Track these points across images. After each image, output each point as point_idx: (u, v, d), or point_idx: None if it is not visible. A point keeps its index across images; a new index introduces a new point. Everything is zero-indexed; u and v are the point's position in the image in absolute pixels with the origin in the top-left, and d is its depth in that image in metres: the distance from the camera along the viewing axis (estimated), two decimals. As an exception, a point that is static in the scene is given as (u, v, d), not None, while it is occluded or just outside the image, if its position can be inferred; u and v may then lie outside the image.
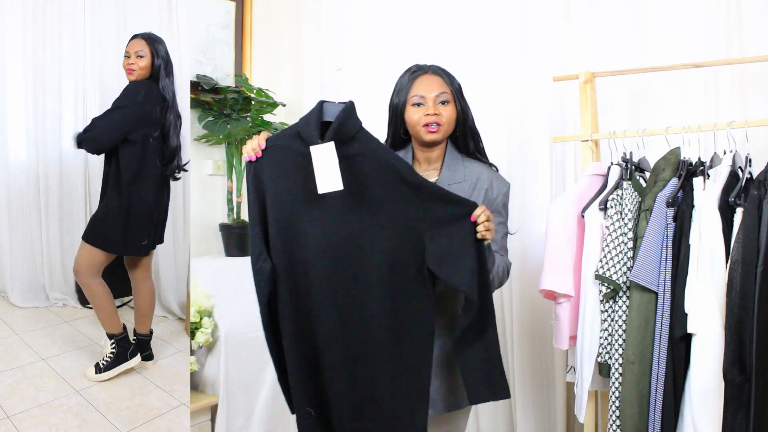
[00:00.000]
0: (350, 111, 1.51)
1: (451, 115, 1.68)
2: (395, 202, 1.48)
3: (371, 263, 1.48)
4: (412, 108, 1.68)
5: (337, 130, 1.47)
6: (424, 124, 1.65)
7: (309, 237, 1.48)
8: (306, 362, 1.54)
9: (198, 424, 2.56)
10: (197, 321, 2.62)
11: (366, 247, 1.48)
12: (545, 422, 2.71)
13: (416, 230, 1.48)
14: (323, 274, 1.48)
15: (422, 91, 1.67)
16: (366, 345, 1.50)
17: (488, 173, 1.74)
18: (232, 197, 3.04)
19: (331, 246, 1.48)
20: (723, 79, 2.30)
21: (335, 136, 1.46)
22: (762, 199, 1.75)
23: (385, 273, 1.48)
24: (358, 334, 1.50)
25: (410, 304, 1.50)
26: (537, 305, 2.65)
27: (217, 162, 3.12)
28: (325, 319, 1.50)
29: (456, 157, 1.73)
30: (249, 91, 3.04)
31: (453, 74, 1.72)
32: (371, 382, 1.51)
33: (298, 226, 1.48)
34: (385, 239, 1.47)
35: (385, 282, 1.48)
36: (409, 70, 1.72)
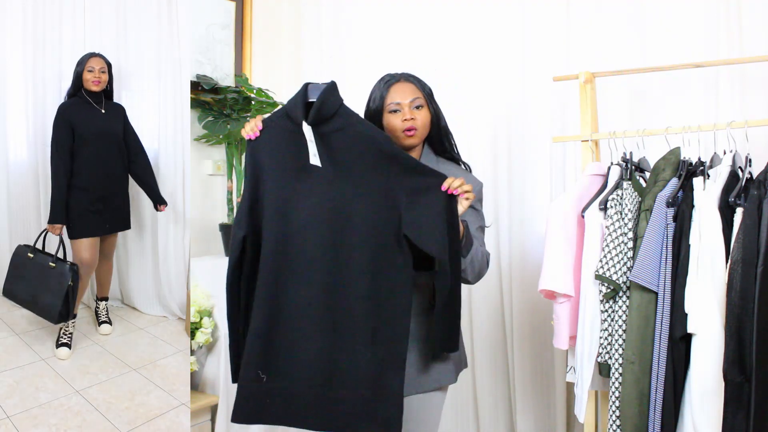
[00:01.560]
0: (330, 90, 1.61)
1: (425, 118, 1.77)
2: (374, 173, 1.57)
3: (353, 231, 1.56)
4: (390, 115, 1.76)
5: (318, 110, 1.57)
6: (403, 129, 1.74)
7: (300, 207, 1.58)
8: (274, 325, 1.57)
9: (198, 424, 2.56)
10: (197, 321, 2.62)
11: (348, 215, 1.56)
12: (545, 422, 2.71)
13: (394, 199, 1.56)
14: (311, 241, 1.56)
15: (398, 98, 1.75)
16: (345, 312, 1.55)
17: (461, 173, 1.81)
18: (232, 197, 3.04)
19: (316, 215, 1.57)
20: (723, 79, 2.30)
21: (316, 114, 1.57)
22: (762, 199, 1.75)
23: (365, 239, 1.56)
24: (339, 301, 1.55)
25: (389, 272, 1.56)
26: (537, 305, 2.65)
27: (217, 162, 3.12)
28: (307, 285, 1.56)
29: (431, 160, 1.81)
30: (249, 91, 3.04)
31: (424, 80, 1.81)
32: (347, 350, 1.55)
33: (290, 196, 1.59)
34: (364, 208, 1.56)
35: (366, 249, 1.55)
36: (383, 80, 1.81)
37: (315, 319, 1.55)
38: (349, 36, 3.11)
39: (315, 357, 1.55)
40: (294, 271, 1.57)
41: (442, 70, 2.78)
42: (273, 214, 1.58)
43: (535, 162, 2.70)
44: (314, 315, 1.55)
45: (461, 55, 2.81)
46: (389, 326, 1.55)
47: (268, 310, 1.56)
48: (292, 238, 1.57)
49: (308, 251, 1.56)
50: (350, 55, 3.10)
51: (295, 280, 1.57)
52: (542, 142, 2.66)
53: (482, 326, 2.79)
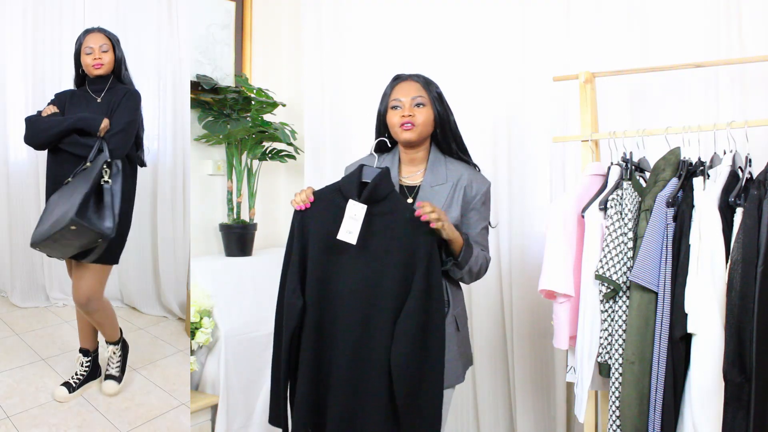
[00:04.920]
0: (385, 175, 1.73)
1: (426, 117, 1.81)
2: (402, 251, 1.70)
3: (381, 303, 1.69)
4: (392, 111, 1.83)
5: (371, 191, 1.71)
6: (400, 124, 1.79)
7: (338, 278, 1.72)
8: (315, 388, 1.73)
9: (198, 424, 2.56)
10: (197, 321, 2.62)
11: (377, 289, 1.70)
12: (545, 422, 2.71)
13: (412, 269, 1.69)
14: (345, 310, 1.71)
15: (400, 96, 1.81)
16: (368, 382, 1.68)
17: (469, 173, 1.86)
18: (232, 197, 3.04)
19: (351, 287, 1.71)
20: (723, 79, 2.30)
21: (369, 195, 1.70)
22: (762, 199, 1.75)
23: (391, 310, 1.68)
24: (366, 370, 1.69)
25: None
26: (537, 305, 2.65)
27: (217, 162, 3.12)
28: (342, 352, 1.70)
29: (439, 159, 1.85)
30: (249, 91, 3.04)
31: (434, 81, 1.85)
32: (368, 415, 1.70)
33: (332, 268, 1.73)
34: (391, 282, 1.68)
35: (391, 319, 1.67)
36: (392, 79, 1.87)
37: (343, 382, 1.70)
38: (349, 36, 3.11)
39: (340, 417, 1.70)
40: (332, 337, 1.72)
41: (442, 70, 2.77)
42: (314, 282, 1.73)
43: (535, 162, 2.70)
44: (343, 380, 1.70)
45: (461, 55, 2.81)
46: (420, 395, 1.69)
47: (313, 375, 1.72)
48: (331, 306, 1.72)
49: (343, 320, 1.70)
50: (350, 55, 3.09)
51: (332, 345, 1.72)
52: (542, 142, 2.66)
53: (482, 326, 2.79)
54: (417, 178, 1.86)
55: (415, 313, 1.65)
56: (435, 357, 1.67)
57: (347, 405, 1.69)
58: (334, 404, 1.70)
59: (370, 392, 1.67)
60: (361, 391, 1.68)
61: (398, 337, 1.65)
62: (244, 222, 3.05)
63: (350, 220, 1.69)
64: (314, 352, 1.72)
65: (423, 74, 1.86)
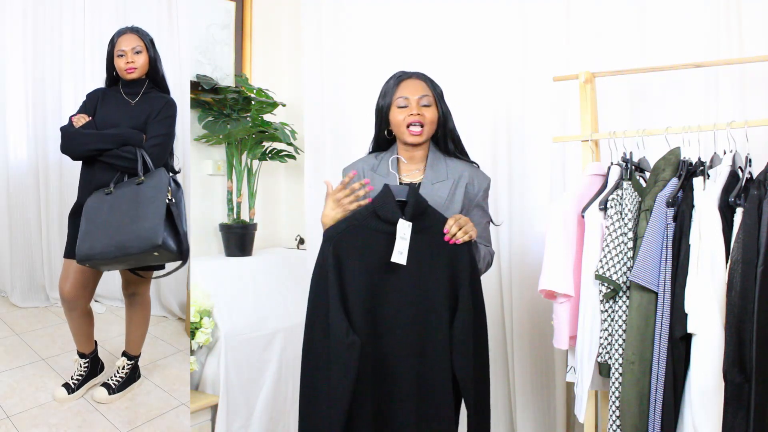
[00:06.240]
0: (416, 191, 1.72)
1: (432, 116, 1.81)
2: (446, 267, 1.70)
3: (433, 322, 1.68)
4: (397, 110, 1.80)
5: (414, 207, 1.68)
6: (408, 124, 1.78)
7: (389, 305, 1.68)
8: (374, 419, 1.68)
9: (198, 424, 2.56)
10: (197, 321, 2.62)
11: (430, 310, 1.68)
12: (545, 422, 2.71)
13: (456, 281, 1.70)
14: (402, 337, 1.67)
15: (407, 93, 1.79)
16: (432, 400, 1.69)
17: (469, 170, 1.88)
18: (232, 197, 3.04)
19: (405, 311, 1.68)
20: (723, 79, 2.30)
21: (414, 212, 1.68)
22: (762, 199, 1.75)
23: (444, 325, 1.68)
24: (429, 395, 1.68)
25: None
26: (537, 305, 2.65)
27: (217, 162, 3.12)
28: (402, 378, 1.67)
29: (439, 157, 1.86)
30: (249, 91, 3.04)
31: (436, 80, 1.85)
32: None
33: (379, 293, 1.67)
34: (442, 299, 1.68)
35: (445, 335, 1.67)
36: (395, 76, 1.85)
37: (410, 413, 1.68)
38: (350, 36, 3.11)
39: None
40: (392, 368, 1.67)
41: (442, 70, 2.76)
42: (363, 313, 1.65)
43: (535, 162, 2.70)
44: (410, 409, 1.68)
45: (461, 55, 2.81)
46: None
47: (371, 406, 1.67)
48: (385, 336, 1.67)
49: (402, 349, 1.67)
50: (350, 56, 3.09)
51: (393, 378, 1.67)
52: (542, 142, 2.66)
53: (482, 326, 2.79)
54: (417, 176, 1.86)
55: (469, 326, 1.67)
56: (485, 362, 1.75)
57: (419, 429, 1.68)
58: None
59: (435, 403, 1.68)
60: (426, 410, 1.68)
61: (459, 351, 1.66)
62: (244, 222, 3.05)
63: (401, 241, 1.64)
64: (373, 386, 1.66)
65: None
